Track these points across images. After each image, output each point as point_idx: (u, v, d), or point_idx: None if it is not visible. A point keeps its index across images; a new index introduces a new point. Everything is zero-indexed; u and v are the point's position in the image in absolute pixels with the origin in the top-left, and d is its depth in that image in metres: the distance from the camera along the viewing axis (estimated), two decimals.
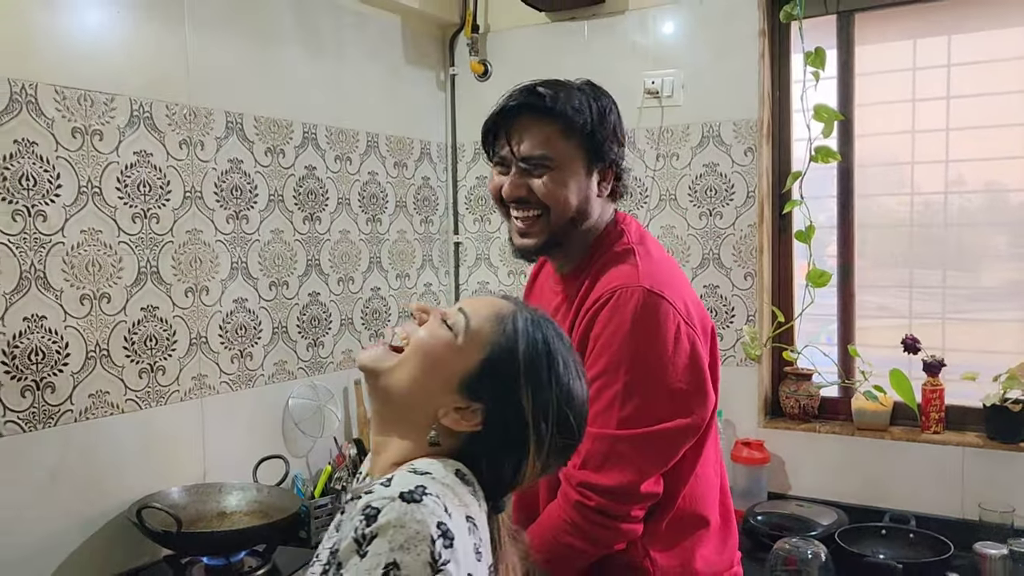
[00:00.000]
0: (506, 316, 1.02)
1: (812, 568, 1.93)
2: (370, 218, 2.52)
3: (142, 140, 1.85)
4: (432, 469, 0.95)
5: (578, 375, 1.03)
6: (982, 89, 2.23)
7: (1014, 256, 2.25)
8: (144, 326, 1.87)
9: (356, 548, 0.87)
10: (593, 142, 1.37)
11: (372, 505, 0.88)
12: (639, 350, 1.29)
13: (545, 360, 1.00)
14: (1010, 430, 2.07)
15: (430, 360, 1.00)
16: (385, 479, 0.92)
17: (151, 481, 1.87)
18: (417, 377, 1.00)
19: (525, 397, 0.98)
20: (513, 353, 0.99)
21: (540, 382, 0.99)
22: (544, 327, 1.03)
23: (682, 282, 1.40)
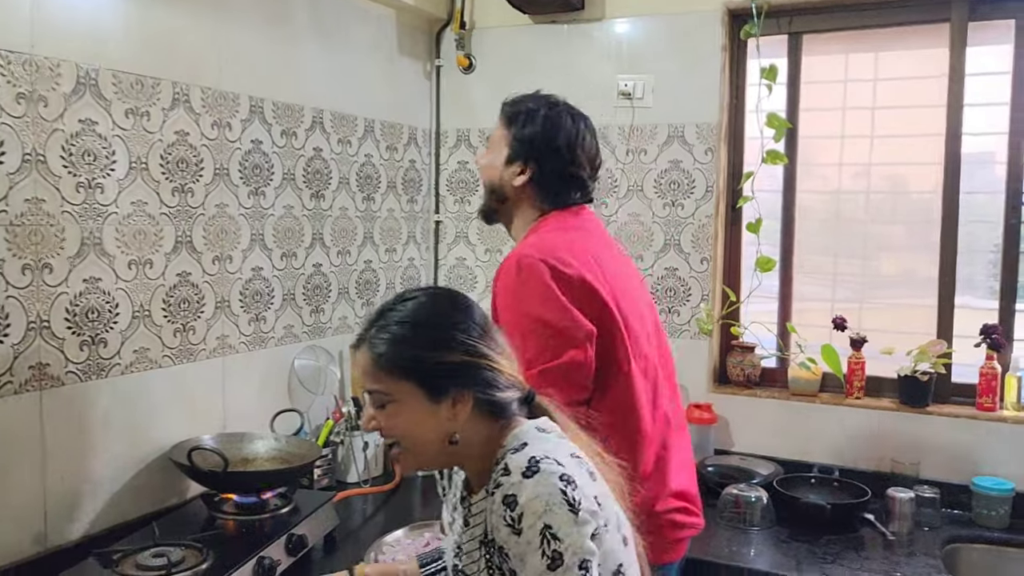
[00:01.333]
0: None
1: (755, 510, 2.28)
2: (365, 197, 2.74)
3: (180, 121, 2.04)
4: (526, 437, 1.20)
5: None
6: (901, 102, 2.59)
7: (914, 247, 2.63)
8: (179, 290, 2.07)
9: (511, 530, 1.10)
10: (515, 138, 1.80)
11: (508, 494, 1.11)
12: (520, 303, 1.63)
13: (424, 333, 1.23)
14: (919, 397, 2.45)
15: (417, 434, 1.22)
16: (501, 469, 1.15)
17: (182, 429, 2.08)
18: (422, 445, 1.23)
19: (452, 354, 1.21)
20: (417, 359, 1.21)
21: (441, 342, 1.21)
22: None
23: (567, 249, 1.67)
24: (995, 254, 2.47)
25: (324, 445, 2.44)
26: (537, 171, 1.77)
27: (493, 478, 1.17)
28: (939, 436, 2.42)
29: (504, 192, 1.81)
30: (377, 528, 2.19)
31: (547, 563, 1.08)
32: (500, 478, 1.14)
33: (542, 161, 1.77)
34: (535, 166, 1.77)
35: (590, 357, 1.61)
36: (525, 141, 1.78)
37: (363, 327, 1.27)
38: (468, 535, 1.27)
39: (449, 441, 1.22)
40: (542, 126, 1.78)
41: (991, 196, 2.49)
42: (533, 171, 1.77)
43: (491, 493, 1.16)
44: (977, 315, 2.47)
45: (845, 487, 2.42)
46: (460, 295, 1.31)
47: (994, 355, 2.39)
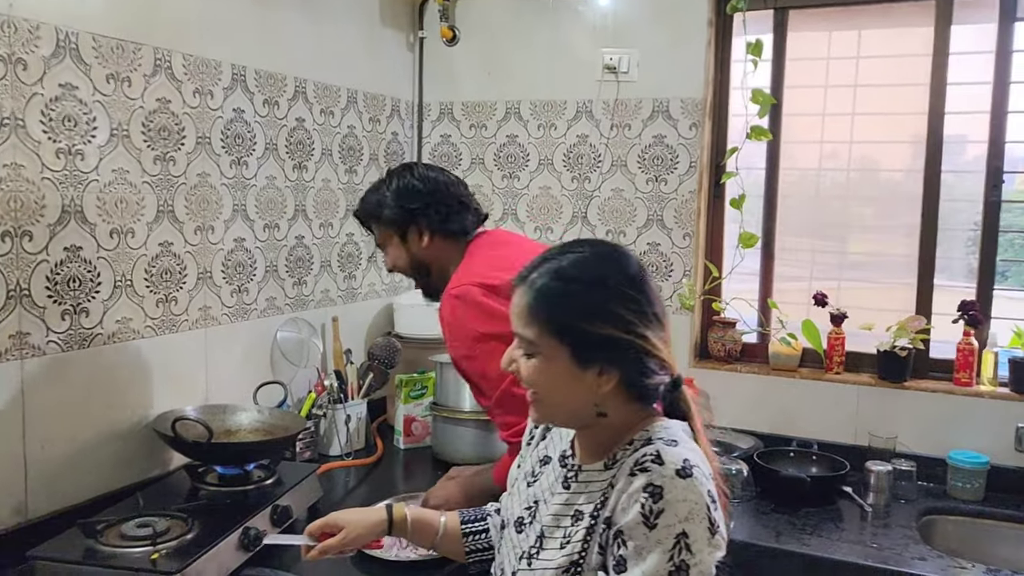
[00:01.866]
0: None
1: (736, 482, 2.31)
2: (347, 169, 2.72)
3: (162, 88, 2.00)
4: (677, 436, 1.15)
5: (603, 262, 1.20)
6: (884, 80, 2.61)
7: (892, 226, 2.65)
8: (161, 260, 2.04)
9: (644, 521, 1.06)
10: (387, 222, 1.94)
11: (656, 484, 1.06)
12: (459, 334, 1.78)
13: (583, 297, 1.16)
14: (897, 372, 2.49)
15: (556, 395, 1.18)
16: (653, 453, 1.09)
17: (165, 401, 2.06)
18: (560, 405, 1.20)
19: (606, 328, 1.14)
20: (569, 322, 1.15)
21: (599, 312, 1.15)
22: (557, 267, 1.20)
23: (494, 264, 1.82)
24: (974, 232, 2.50)
25: (307, 418, 2.43)
26: (428, 221, 1.90)
27: (635, 459, 1.11)
28: (916, 410, 2.46)
29: (424, 261, 1.95)
30: (360, 499, 2.18)
31: (671, 569, 1.05)
32: (649, 463, 1.09)
33: (425, 212, 1.89)
34: (424, 219, 1.90)
35: None
36: (393, 215, 1.92)
37: (528, 266, 1.22)
38: (564, 499, 1.23)
39: (597, 413, 1.19)
40: (394, 193, 1.92)
41: (969, 175, 2.52)
42: (426, 224, 1.90)
43: (632, 473, 1.10)
44: (955, 294, 2.51)
45: (824, 460, 2.45)
46: (628, 257, 1.22)
47: (972, 331, 2.43)
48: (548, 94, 2.85)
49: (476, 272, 1.81)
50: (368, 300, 2.88)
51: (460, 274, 1.84)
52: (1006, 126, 2.42)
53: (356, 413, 2.54)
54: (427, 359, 2.67)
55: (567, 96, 2.82)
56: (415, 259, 1.95)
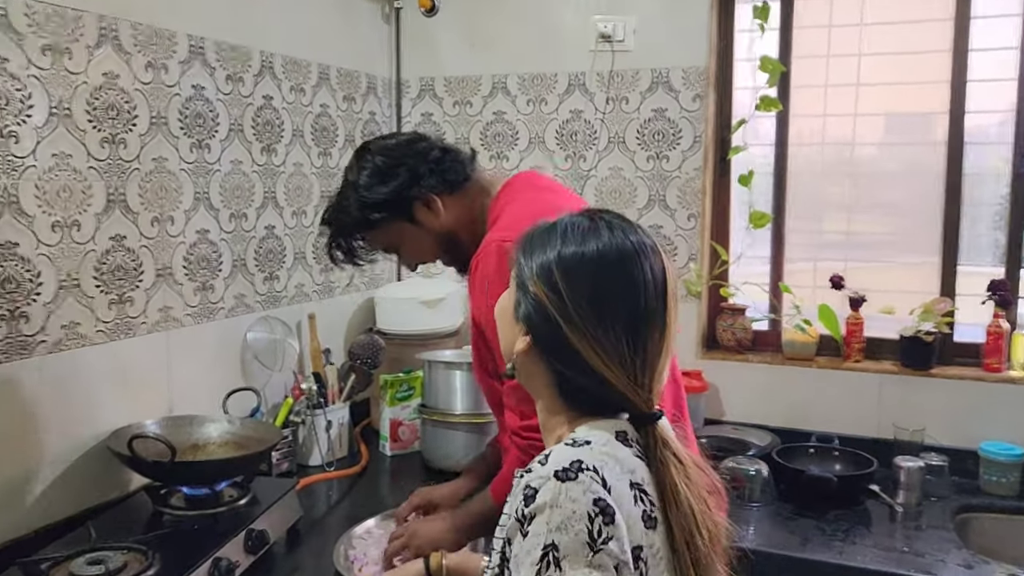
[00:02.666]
0: None
1: (755, 484, 2.12)
2: (321, 151, 2.49)
3: (108, 61, 1.77)
4: (592, 436, 0.96)
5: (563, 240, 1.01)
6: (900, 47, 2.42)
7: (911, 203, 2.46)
8: (113, 256, 1.81)
9: (519, 527, 0.90)
10: (383, 216, 1.57)
11: (530, 485, 0.90)
12: (491, 303, 1.39)
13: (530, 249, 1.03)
14: (922, 358, 2.31)
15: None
16: (543, 456, 0.94)
17: (121, 414, 1.83)
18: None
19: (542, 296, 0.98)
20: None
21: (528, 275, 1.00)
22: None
23: (543, 210, 1.45)
24: (1001, 206, 2.33)
25: (283, 426, 2.21)
26: (428, 187, 1.57)
27: (531, 462, 0.96)
28: (943, 399, 2.29)
29: (450, 231, 1.59)
30: (345, 516, 1.98)
31: None
32: (536, 463, 0.94)
33: (416, 179, 1.56)
34: (421, 188, 1.56)
35: None
36: (390, 200, 1.56)
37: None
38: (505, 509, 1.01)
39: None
40: (368, 184, 1.57)
41: (993, 147, 2.35)
42: (428, 190, 1.57)
43: (520, 475, 0.95)
44: (980, 274, 2.33)
45: (846, 456, 2.27)
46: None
47: (1001, 313, 2.26)
48: (537, 66, 2.63)
49: (529, 217, 1.49)
50: (347, 294, 2.66)
51: (508, 220, 1.46)
52: None
53: (338, 418, 2.33)
54: (413, 357, 2.46)
55: (558, 68, 2.61)
56: (440, 235, 1.59)
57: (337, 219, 1.62)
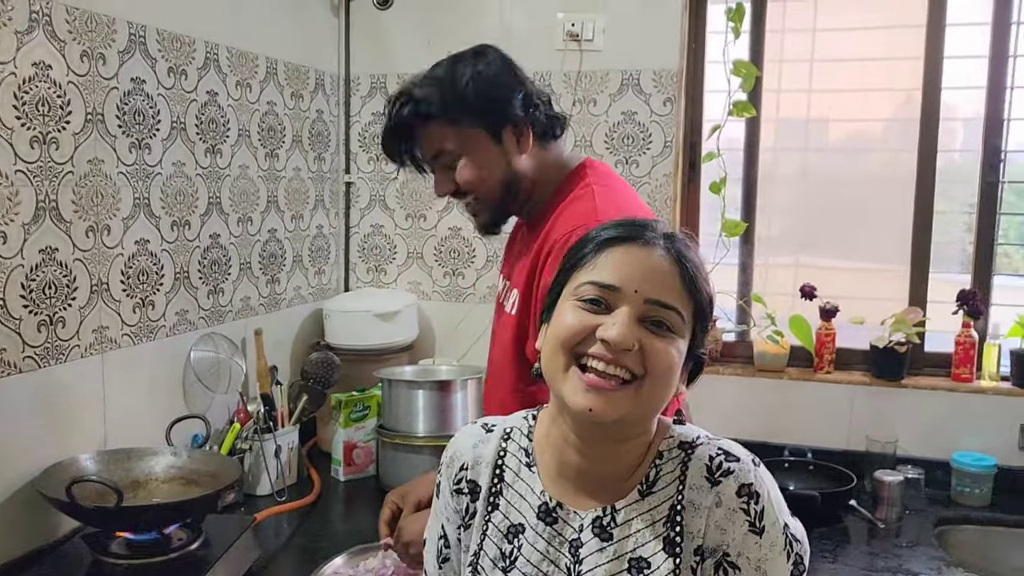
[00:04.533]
0: None
1: None
2: (268, 153, 2.29)
3: (39, 50, 1.54)
4: (699, 431, 1.01)
5: None
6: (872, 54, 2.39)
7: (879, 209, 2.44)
8: (43, 271, 1.59)
9: (752, 529, 0.91)
10: (478, 113, 1.38)
11: (743, 483, 0.92)
12: None
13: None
14: (894, 369, 2.28)
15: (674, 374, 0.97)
16: (723, 455, 0.94)
17: (51, 449, 1.62)
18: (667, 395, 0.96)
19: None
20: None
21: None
22: None
23: (642, 212, 1.40)
24: (970, 214, 2.32)
25: (229, 454, 2.02)
26: (529, 119, 1.41)
27: (701, 467, 0.94)
28: (915, 410, 2.27)
29: (517, 173, 1.42)
30: (303, 552, 1.80)
31: (791, 570, 0.94)
32: (727, 463, 0.93)
33: (521, 107, 1.40)
34: (520, 117, 1.40)
35: None
36: (488, 105, 1.38)
37: (654, 222, 1.01)
38: (611, 552, 0.94)
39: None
40: (479, 76, 1.38)
41: (962, 155, 2.34)
42: (527, 122, 1.41)
43: (714, 482, 0.92)
44: (950, 282, 2.32)
45: (821, 471, 2.22)
46: None
47: (971, 323, 2.24)
48: None
49: (632, 208, 1.36)
50: (293, 307, 2.47)
51: (602, 204, 1.33)
52: (1005, 102, 2.23)
53: (287, 443, 2.14)
54: (366, 373, 2.29)
55: (523, 67, 2.46)
56: (508, 170, 1.40)
57: (427, 91, 1.39)
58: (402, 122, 1.41)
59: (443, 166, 1.42)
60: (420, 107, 1.38)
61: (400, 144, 1.44)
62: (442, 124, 1.39)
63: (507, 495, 1.02)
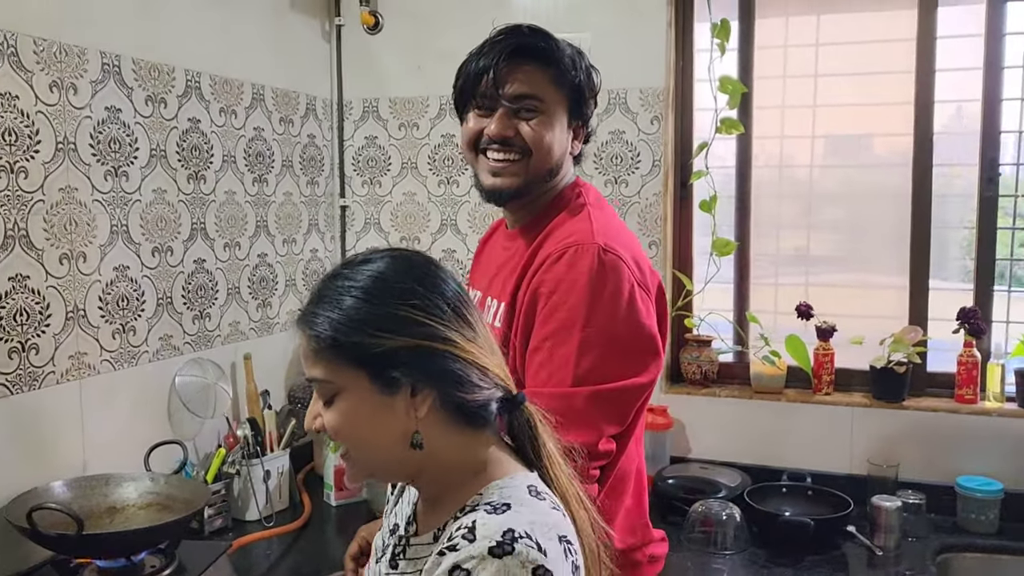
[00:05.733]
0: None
1: (727, 528, 1.99)
2: (256, 178, 2.30)
3: (6, 80, 1.57)
4: (511, 499, 0.90)
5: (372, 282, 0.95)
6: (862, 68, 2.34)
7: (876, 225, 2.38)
8: (13, 298, 1.60)
9: None
10: (578, 96, 1.37)
11: (461, 566, 0.83)
12: (594, 308, 1.26)
13: (366, 309, 0.93)
14: (895, 390, 2.21)
15: (367, 434, 0.95)
16: (467, 529, 0.86)
17: (25, 476, 1.63)
18: (375, 449, 0.96)
19: (397, 339, 0.91)
20: (353, 342, 0.92)
21: (387, 320, 0.92)
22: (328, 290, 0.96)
23: (634, 243, 1.39)
24: (969, 230, 2.25)
25: (215, 479, 2.01)
26: (585, 132, 1.43)
27: (449, 530, 0.90)
28: (917, 432, 2.19)
29: (558, 167, 1.39)
30: None
31: None
32: (460, 539, 0.85)
33: (588, 121, 1.42)
34: (584, 128, 1.42)
35: (652, 384, 1.32)
36: (582, 97, 1.38)
37: (306, 300, 0.98)
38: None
39: (411, 443, 0.94)
40: (587, 74, 1.38)
41: (961, 168, 2.27)
42: (586, 131, 1.43)
43: (441, 552, 0.86)
44: (950, 296, 2.25)
45: (820, 496, 2.15)
46: (427, 260, 1.01)
47: (973, 342, 2.17)
48: None
49: (625, 242, 1.34)
50: (287, 331, 2.47)
51: (601, 227, 1.32)
52: (1000, 115, 2.17)
53: (276, 467, 2.14)
54: None
55: None
56: (560, 157, 1.38)
57: (561, 46, 1.36)
58: (529, 45, 1.34)
59: (514, 111, 1.34)
60: (552, 50, 1.34)
61: (495, 60, 1.33)
62: (550, 78, 1.34)
63: (403, 497, 1.09)
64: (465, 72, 1.39)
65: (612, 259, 1.28)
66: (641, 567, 1.42)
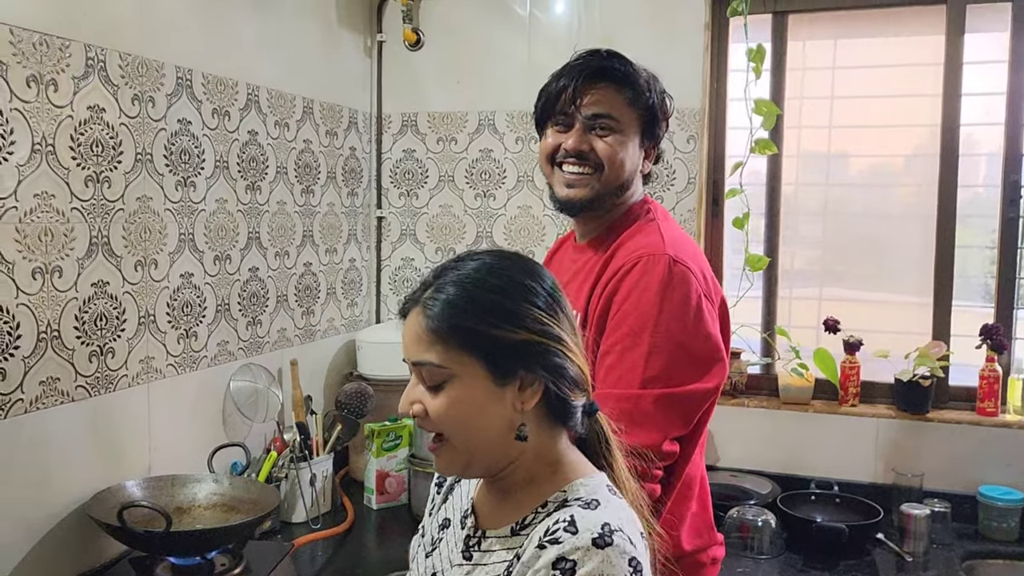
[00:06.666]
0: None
1: (763, 534, 2.07)
2: (304, 189, 2.37)
3: (96, 93, 1.63)
4: (599, 495, 0.96)
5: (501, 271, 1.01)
6: (891, 90, 2.45)
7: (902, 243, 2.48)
8: (95, 303, 1.66)
9: None
10: (651, 118, 1.46)
11: (567, 557, 0.88)
12: (664, 315, 1.34)
13: (491, 299, 0.97)
14: (919, 403, 2.30)
15: (476, 423, 0.97)
16: (566, 520, 0.91)
17: (99, 476, 1.68)
18: (479, 438, 0.98)
19: (521, 332, 0.96)
20: (476, 330, 0.96)
21: (512, 314, 0.97)
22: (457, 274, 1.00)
23: (700, 257, 1.47)
24: (991, 249, 2.35)
25: (266, 482, 2.07)
26: (656, 154, 1.51)
27: (546, 527, 0.93)
28: (940, 444, 2.28)
29: (629, 184, 1.47)
30: None
31: None
32: (561, 532, 0.90)
33: (659, 142, 1.51)
34: (655, 149, 1.50)
35: (717, 390, 1.38)
36: (654, 118, 1.46)
37: (415, 289, 1.02)
38: (464, 572, 1.02)
39: (517, 435, 0.98)
40: (660, 98, 1.47)
41: (984, 189, 2.38)
42: (654, 155, 1.51)
43: (541, 545, 0.91)
44: (972, 314, 2.35)
45: (848, 503, 2.24)
46: (530, 259, 1.07)
47: (995, 357, 2.26)
48: (526, 103, 2.49)
49: (691, 254, 1.40)
50: (327, 338, 2.53)
51: (672, 239, 1.40)
52: (1022, 138, 2.28)
53: (322, 471, 2.19)
54: (397, 403, 2.34)
55: None
56: (631, 174, 1.46)
57: (638, 70, 1.47)
58: (607, 67, 1.44)
59: (589, 128, 1.43)
60: (628, 73, 1.44)
61: (574, 80, 1.44)
62: (625, 99, 1.43)
63: (455, 492, 1.13)
64: (546, 91, 1.48)
65: (681, 270, 1.35)
66: (705, 568, 1.49)
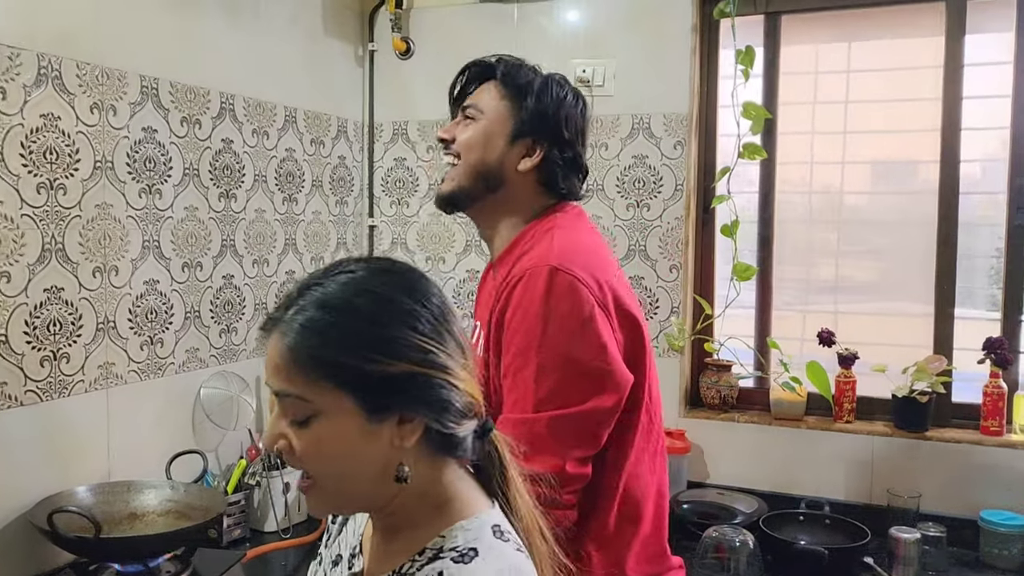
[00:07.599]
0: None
1: (741, 555, 1.97)
2: (286, 197, 2.37)
3: (49, 102, 1.65)
4: (478, 543, 0.86)
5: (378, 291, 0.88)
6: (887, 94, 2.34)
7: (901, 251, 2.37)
8: (47, 309, 1.68)
9: None
10: (525, 112, 1.42)
11: None
12: (548, 330, 1.27)
13: (359, 327, 0.85)
14: (917, 420, 2.18)
15: (346, 465, 0.86)
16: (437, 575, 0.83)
17: (51, 481, 1.69)
18: (351, 481, 0.87)
19: (397, 363, 0.84)
20: (341, 363, 0.84)
21: (386, 343, 0.84)
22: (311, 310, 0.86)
23: (602, 264, 1.38)
24: (997, 259, 2.22)
25: (235, 490, 2.06)
26: (547, 154, 1.42)
27: (413, 573, 0.85)
28: (940, 464, 2.16)
29: (502, 177, 1.43)
30: None
31: None
32: None
33: (555, 143, 1.43)
34: (546, 148, 1.42)
35: (617, 406, 1.29)
36: (536, 115, 1.42)
37: (278, 304, 0.88)
38: None
39: (396, 477, 0.85)
40: (554, 99, 1.43)
41: (989, 196, 2.26)
42: (544, 154, 1.42)
43: None
44: (973, 325, 2.22)
45: (838, 525, 2.13)
46: (412, 270, 0.94)
47: (999, 372, 2.13)
48: None
49: (583, 261, 1.32)
50: None
51: (561, 247, 1.34)
52: None
53: (295, 480, 2.17)
54: None
55: None
56: (497, 166, 1.42)
57: (514, 68, 1.47)
58: (485, 64, 1.49)
59: (463, 117, 1.46)
60: (510, 73, 1.45)
61: (457, 77, 1.52)
62: (497, 93, 1.44)
63: (348, 525, 1.03)
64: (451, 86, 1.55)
65: (566, 279, 1.28)
66: None
